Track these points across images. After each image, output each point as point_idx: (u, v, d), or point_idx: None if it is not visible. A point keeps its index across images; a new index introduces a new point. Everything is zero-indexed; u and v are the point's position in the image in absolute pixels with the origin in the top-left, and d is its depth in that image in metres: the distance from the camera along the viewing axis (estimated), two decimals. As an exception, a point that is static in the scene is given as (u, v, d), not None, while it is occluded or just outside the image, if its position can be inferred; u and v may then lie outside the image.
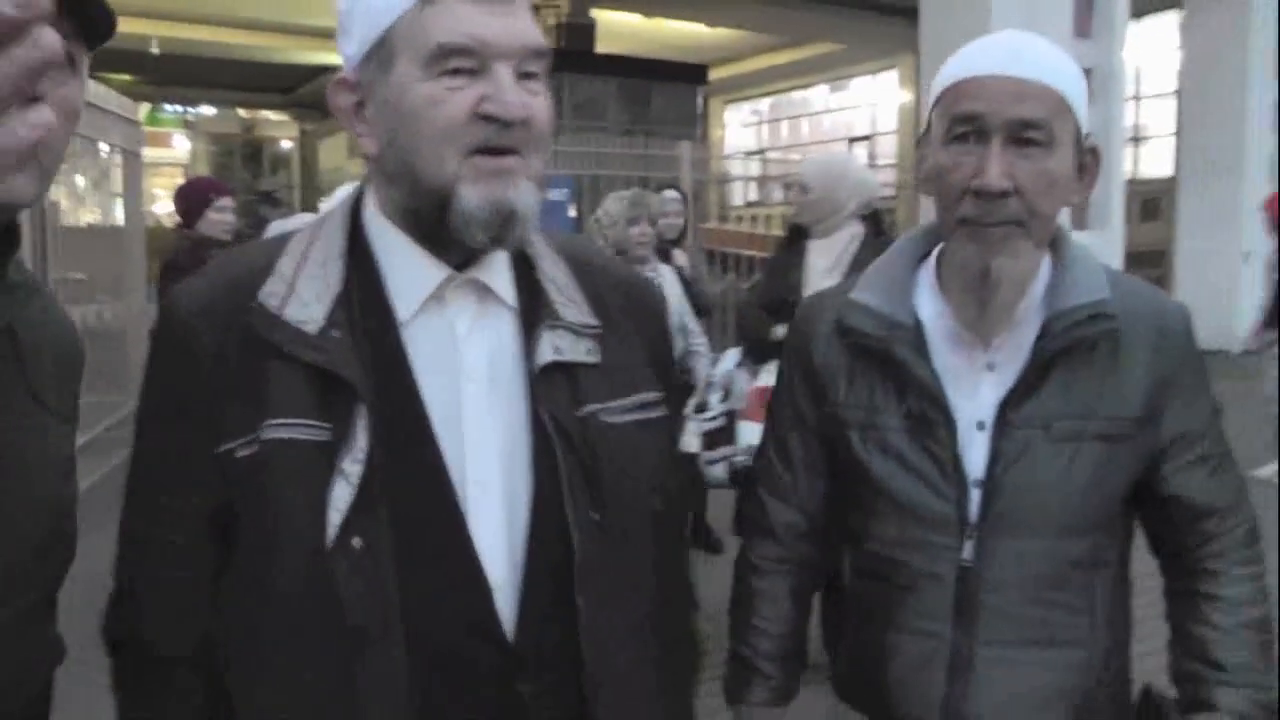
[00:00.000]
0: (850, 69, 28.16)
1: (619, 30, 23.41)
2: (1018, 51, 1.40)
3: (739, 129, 33.94)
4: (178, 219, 5.13)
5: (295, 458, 1.10)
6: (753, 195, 23.48)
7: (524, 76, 1.15)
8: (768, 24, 24.13)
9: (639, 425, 1.23)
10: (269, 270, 1.17)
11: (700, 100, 23.65)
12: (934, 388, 1.45)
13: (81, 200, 8.58)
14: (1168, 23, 18.54)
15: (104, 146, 8.52)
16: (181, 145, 32.86)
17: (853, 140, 28.25)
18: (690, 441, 4.12)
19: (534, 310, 1.21)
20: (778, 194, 20.86)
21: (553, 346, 1.19)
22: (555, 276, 1.25)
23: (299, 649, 1.12)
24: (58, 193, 7.55)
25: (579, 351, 1.20)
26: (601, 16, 22.15)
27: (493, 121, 1.11)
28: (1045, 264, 1.50)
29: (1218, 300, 16.16)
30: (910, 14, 13.67)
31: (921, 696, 1.48)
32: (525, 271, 1.25)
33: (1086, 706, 1.48)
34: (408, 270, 1.19)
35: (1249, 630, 1.49)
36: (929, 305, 1.51)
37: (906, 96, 25.34)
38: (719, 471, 4.08)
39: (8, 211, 0.88)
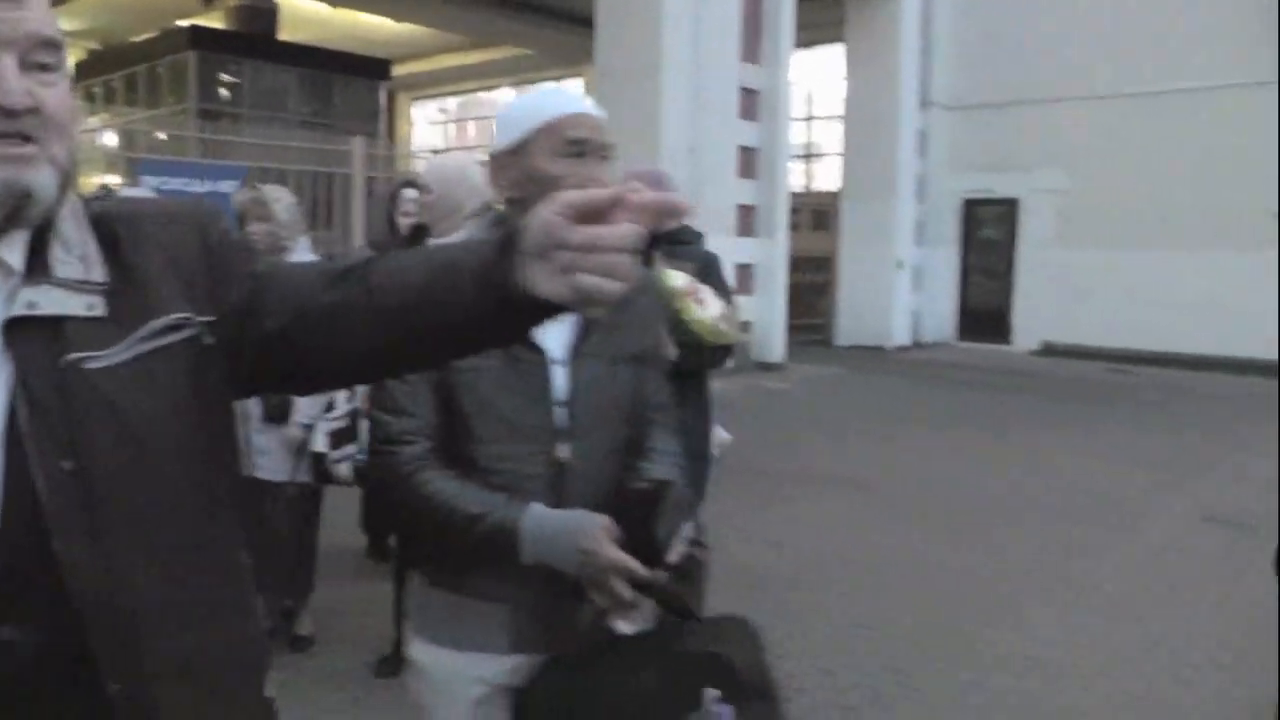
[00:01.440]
0: (536, 74, 28.48)
1: (305, 18, 22.72)
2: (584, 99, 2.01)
3: (426, 126, 33.67)
4: None
5: None
6: (439, 194, 23.30)
7: (36, 68, 1.17)
8: (454, 23, 24.08)
9: (151, 354, 1.24)
10: None
11: (383, 95, 23.33)
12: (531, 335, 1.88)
13: None
14: (837, 53, 19.79)
15: None
16: None
17: (539, 143, 28.56)
18: (319, 441, 4.10)
19: (33, 273, 1.22)
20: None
21: (25, 303, 1.19)
22: (69, 238, 1.25)
23: None
24: None
25: (71, 306, 1.21)
26: (285, 2, 21.46)
27: None
28: None
29: (875, 303, 17.67)
30: (593, 24, 13.98)
31: (528, 568, 1.89)
32: (46, 238, 1.24)
33: None
34: None
35: (676, 467, 2.13)
36: None
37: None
38: (345, 470, 4.09)
39: None
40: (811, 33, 17.36)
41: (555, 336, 1.96)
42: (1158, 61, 16.10)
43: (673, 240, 4.20)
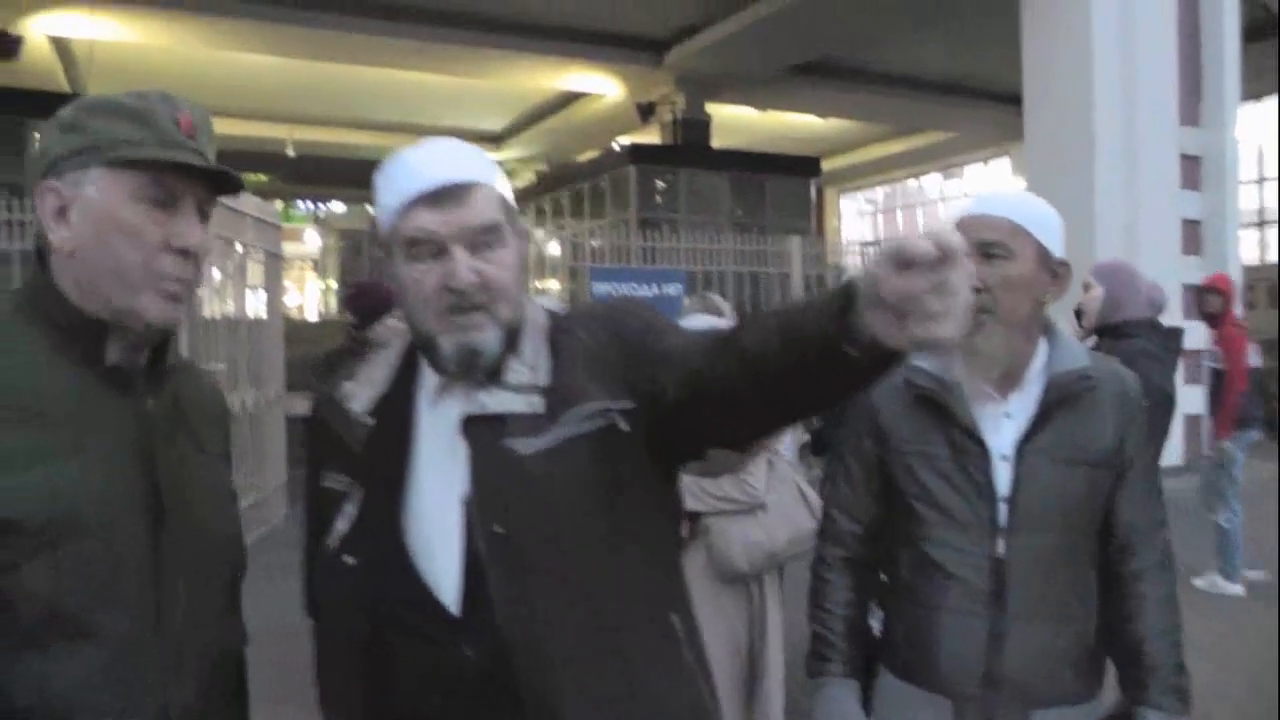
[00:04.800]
0: (962, 156, 28.25)
1: (733, 124, 23.88)
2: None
3: (854, 218, 34.09)
4: (351, 318, 5.21)
5: (324, 502, 1.59)
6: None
7: (483, 247, 1.51)
8: (879, 115, 24.42)
9: (571, 441, 1.50)
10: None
11: (813, 191, 23.85)
12: (974, 427, 1.99)
13: (221, 295, 8.89)
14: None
15: (239, 247, 9.16)
16: (312, 241, 34.41)
17: (968, 227, 28.16)
18: None
19: (491, 381, 1.54)
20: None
21: (479, 403, 1.51)
22: (525, 350, 1.56)
23: (331, 630, 1.60)
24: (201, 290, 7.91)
25: (515, 404, 1.51)
26: (716, 111, 22.64)
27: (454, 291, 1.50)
28: (1043, 344, 2.06)
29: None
30: (1019, 101, 13.65)
31: (965, 665, 1.98)
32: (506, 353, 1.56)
33: (1079, 666, 2.02)
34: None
35: (1168, 635, 2.02)
36: (961, 368, 2.01)
37: (1020, 183, 25.24)
38: None
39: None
40: (1257, 83, 15.89)
41: (1004, 431, 2.00)
42: None
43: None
